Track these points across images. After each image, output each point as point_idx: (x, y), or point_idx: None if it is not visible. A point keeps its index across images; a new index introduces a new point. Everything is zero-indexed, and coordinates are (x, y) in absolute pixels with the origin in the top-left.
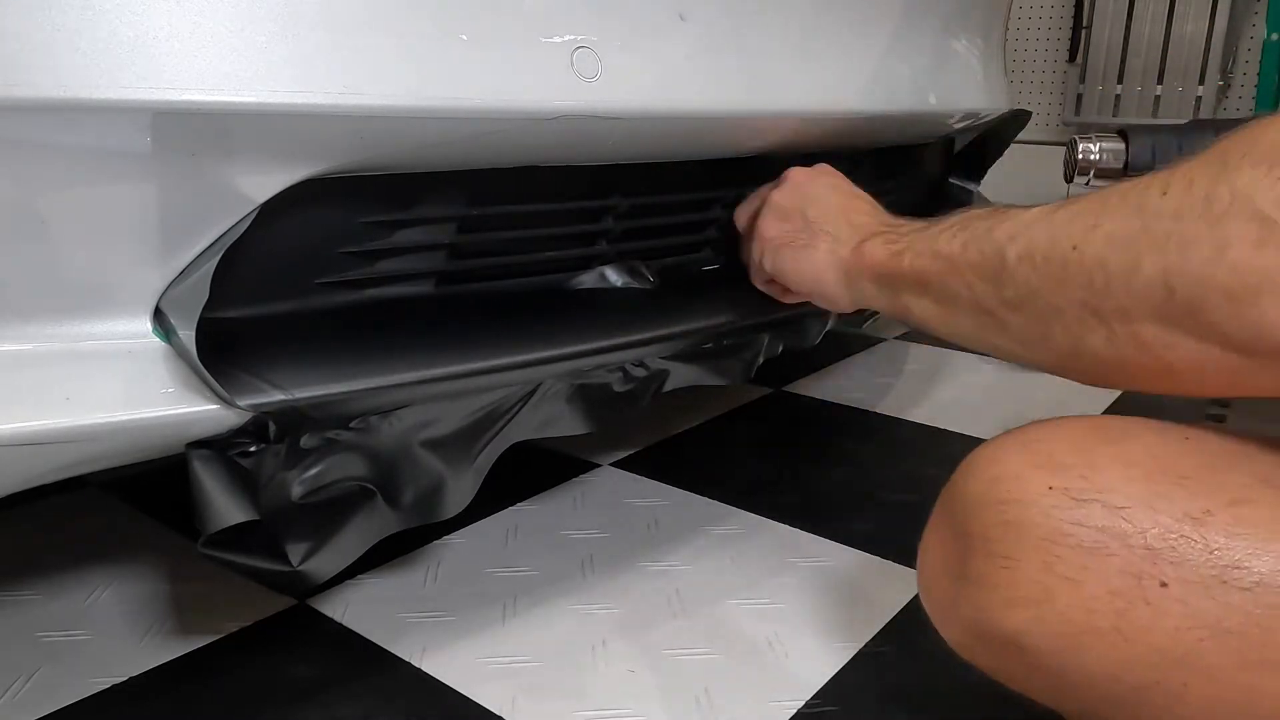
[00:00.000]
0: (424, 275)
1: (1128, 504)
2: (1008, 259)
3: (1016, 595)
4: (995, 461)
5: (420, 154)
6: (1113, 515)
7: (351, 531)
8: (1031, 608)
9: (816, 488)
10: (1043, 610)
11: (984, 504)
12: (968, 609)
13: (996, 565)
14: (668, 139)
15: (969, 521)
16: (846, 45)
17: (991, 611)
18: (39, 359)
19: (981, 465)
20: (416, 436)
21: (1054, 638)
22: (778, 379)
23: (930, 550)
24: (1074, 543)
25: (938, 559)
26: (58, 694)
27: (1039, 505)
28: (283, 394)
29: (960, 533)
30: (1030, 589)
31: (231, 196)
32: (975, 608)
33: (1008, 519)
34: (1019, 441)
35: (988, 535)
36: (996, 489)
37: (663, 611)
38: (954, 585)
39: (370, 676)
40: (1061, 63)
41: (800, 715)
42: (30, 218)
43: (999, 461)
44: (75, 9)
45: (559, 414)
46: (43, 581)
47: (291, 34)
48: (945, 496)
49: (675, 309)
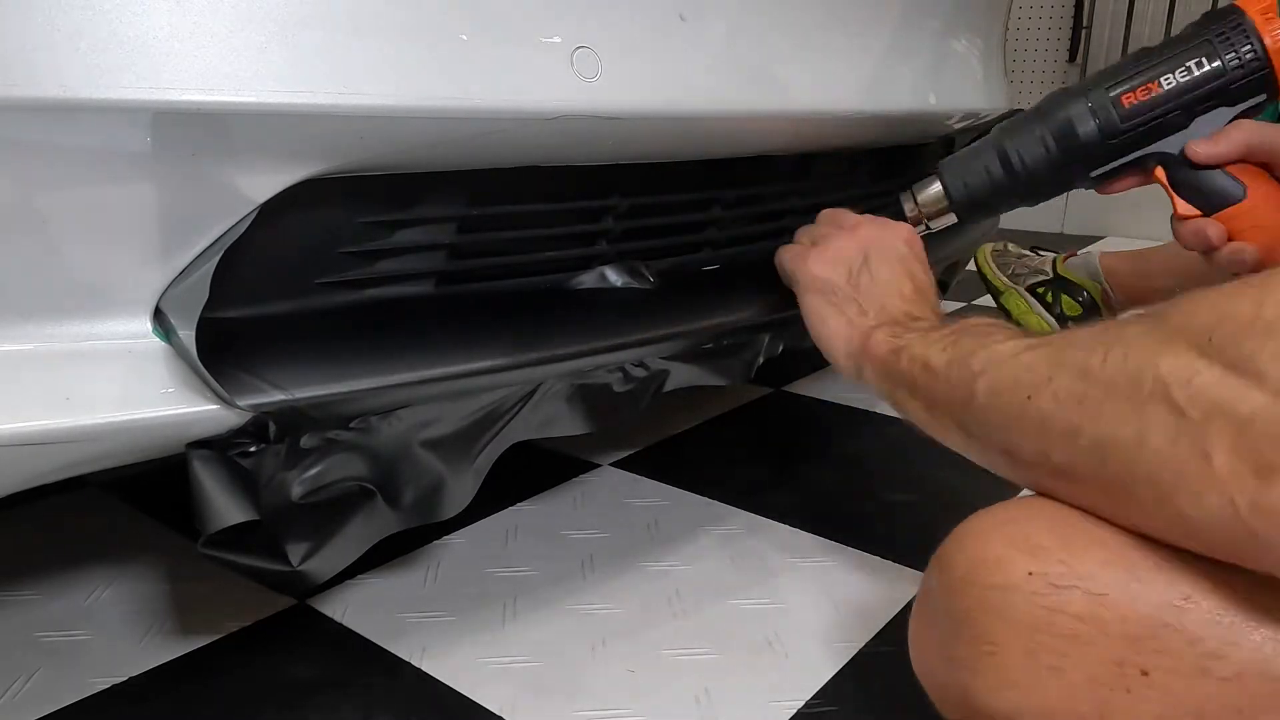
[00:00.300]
0: (424, 275)
1: (1106, 590)
2: (976, 392)
3: (1002, 680)
4: (979, 542)
5: (420, 154)
6: (1092, 602)
7: (351, 531)
8: (1017, 693)
9: (816, 488)
10: (1029, 697)
11: (968, 586)
12: (956, 690)
13: (981, 650)
14: (668, 139)
15: (953, 603)
16: (846, 45)
17: (979, 695)
18: (39, 359)
19: (964, 546)
20: (416, 436)
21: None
22: (778, 379)
23: (919, 626)
24: (1056, 630)
25: (926, 637)
26: (58, 694)
27: (1020, 591)
28: (283, 394)
29: (946, 614)
30: (1015, 674)
31: (231, 196)
32: (963, 689)
33: (990, 605)
34: (1000, 521)
35: (971, 620)
36: (979, 572)
37: (663, 611)
38: (942, 665)
39: (370, 676)
40: (1061, 63)
41: (800, 715)
42: (30, 218)
43: (982, 542)
44: (76, 9)
45: (559, 414)
46: (43, 581)
47: (291, 34)
48: (931, 573)
49: (675, 309)
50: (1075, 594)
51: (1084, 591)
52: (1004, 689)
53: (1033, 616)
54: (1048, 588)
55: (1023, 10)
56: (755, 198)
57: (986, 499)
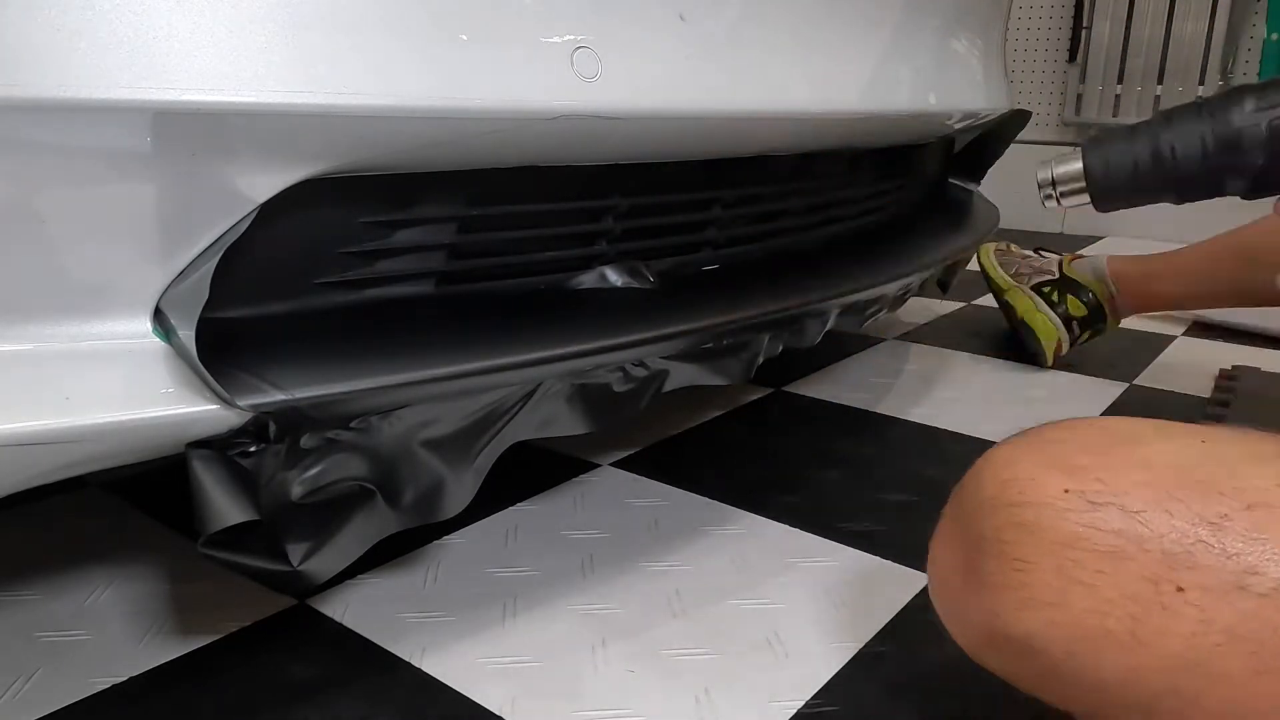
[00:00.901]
0: (424, 275)
1: (1144, 508)
2: None
3: (1030, 598)
4: (1009, 463)
5: (420, 154)
6: (1129, 519)
7: (351, 531)
8: (1045, 611)
9: (816, 488)
10: (1057, 614)
11: (997, 506)
12: (979, 612)
13: (1010, 568)
14: (668, 139)
15: (982, 524)
16: (846, 45)
17: (1004, 614)
18: (39, 359)
19: (995, 467)
20: (416, 436)
21: (1068, 641)
22: (778, 379)
23: (941, 552)
24: (1089, 546)
25: (948, 561)
26: (58, 694)
27: (1054, 508)
28: (283, 394)
29: (973, 535)
30: (1044, 592)
31: (231, 196)
32: (987, 611)
33: (1022, 521)
34: (1033, 443)
35: (1001, 538)
36: (1010, 491)
37: (663, 611)
38: (965, 588)
39: (370, 676)
40: (1061, 63)
41: (800, 715)
42: (30, 217)
43: (1013, 463)
44: (75, 9)
45: (559, 414)
46: (43, 581)
47: (291, 34)
48: (956, 498)
49: (675, 309)
50: (1112, 510)
51: (1121, 509)
52: (1032, 607)
53: (1067, 532)
54: (1084, 504)
55: (1023, 10)
56: (755, 198)
57: None
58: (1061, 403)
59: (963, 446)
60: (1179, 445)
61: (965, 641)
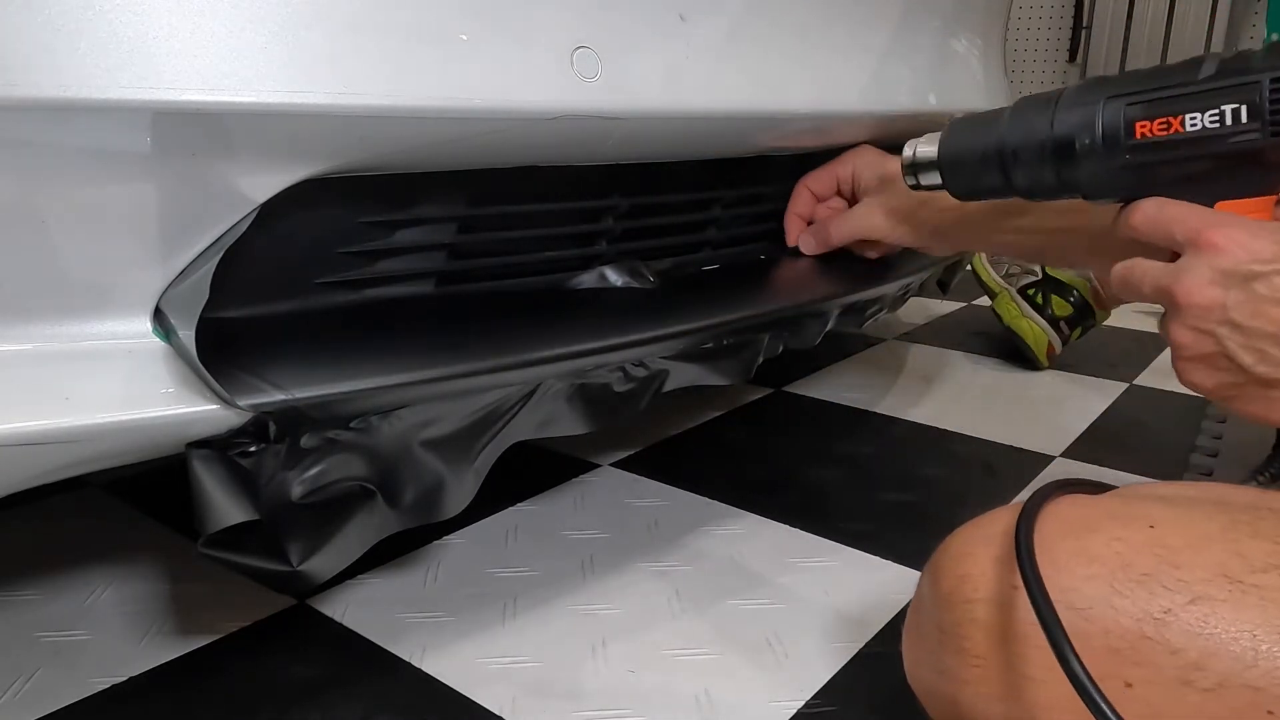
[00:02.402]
0: (424, 275)
1: (1089, 605)
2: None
3: (986, 693)
4: (964, 557)
5: (420, 154)
6: (1075, 616)
7: (351, 531)
8: (1002, 704)
9: (816, 488)
10: (1014, 708)
11: (953, 602)
12: (945, 699)
13: (967, 662)
14: (668, 139)
15: (941, 616)
16: (846, 45)
17: (965, 705)
18: (39, 359)
19: (952, 560)
20: (416, 436)
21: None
22: (778, 379)
23: (911, 637)
24: (1039, 643)
25: (917, 648)
26: (58, 694)
27: (1003, 605)
28: (283, 394)
29: (934, 626)
30: (999, 687)
31: (231, 196)
32: (952, 700)
33: (975, 618)
34: (984, 535)
35: (958, 633)
36: (964, 587)
37: (663, 611)
38: (934, 677)
39: (370, 676)
40: (1061, 63)
41: (800, 715)
42: (30, 218)
43: (968, 557)
44: (75, 9)
45: (559, 414)
46: (43, 581)
47: (291, 34)
48: (921, 586)
49: (675, 309)
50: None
51: (1067, 605)
52: (990, 700)
53: (1016, 630)
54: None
55: (1023, 10)
56: (755, 198)
57: (984, 499)
58: (1061, 403)
59: (963, 446)
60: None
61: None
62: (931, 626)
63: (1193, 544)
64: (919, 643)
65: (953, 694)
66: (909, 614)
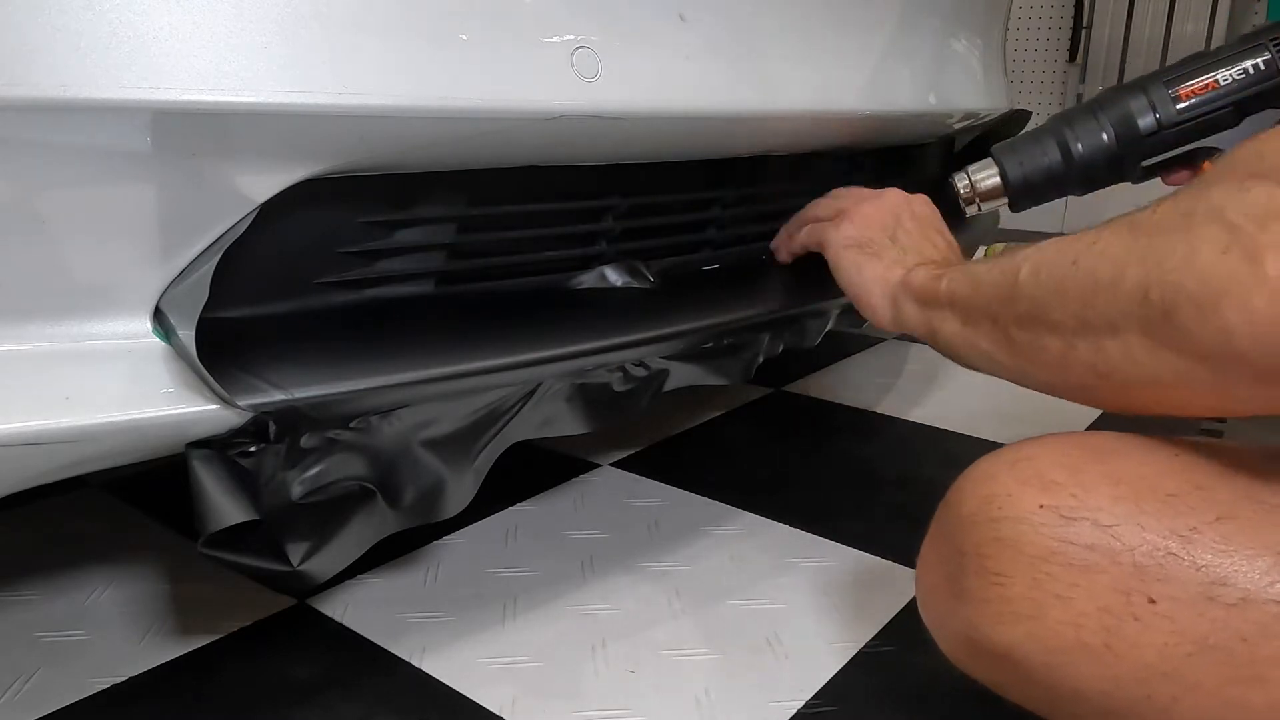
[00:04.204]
0: (424, 275)
1: (1116, 522)
2: (1020, 276)
3: (1008, 611)
4: (987, 480)
5: (420, 154)
6: (1102, 533)
7: (351, 531)
8: (1023, 624)
9: (816, 488)
10: (1034, 626)
11: (976, 522)
12: (962, 624)
13: (989, 582)
14: (668, 139)
15: (962, 539)
16: (846, 45)
17: (984, 627)
18: (39, 359)
19: (974, 483)
20: (416, 436)
21: (1045, 653)
22: (778, 379)
23: (926, 565)
24: (1064, 560)
25: (934, 574)
26: (58, 694)
27: (1030, 523)
28: (283, 394)
29: (955, 549)
30: (1021, 605)
31: (231, 196)
32: (969, 623)
33: (1000, 536)
34: (1009, 460)
35: (980, 552)
36: (989, 507)
37: (663, 611)
38: (949, 600)
39: (370, 676)
40: (1061, 63)
41: (800, 715)
42: (30, 217)
43: (992, 479)
44: (76, 9)
45: (559, 414)
46: (43, 581)
47: (291, 34)
48: (940, 513)
49: (675, 309)
50: (1085, 525)
51: (1093, 523)
52: (1010, 620)
53: (1042, 547)
54: (1058, 519)
55: (1023, 10)
56: (755, 198)
57: None
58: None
59: (963, 446)
60: (1151, 460)
61: (950, 651)
62: (951, 551)
63: (1218, 470)
64: (936, 571)
65: (970, 617)
66: (924, 545)
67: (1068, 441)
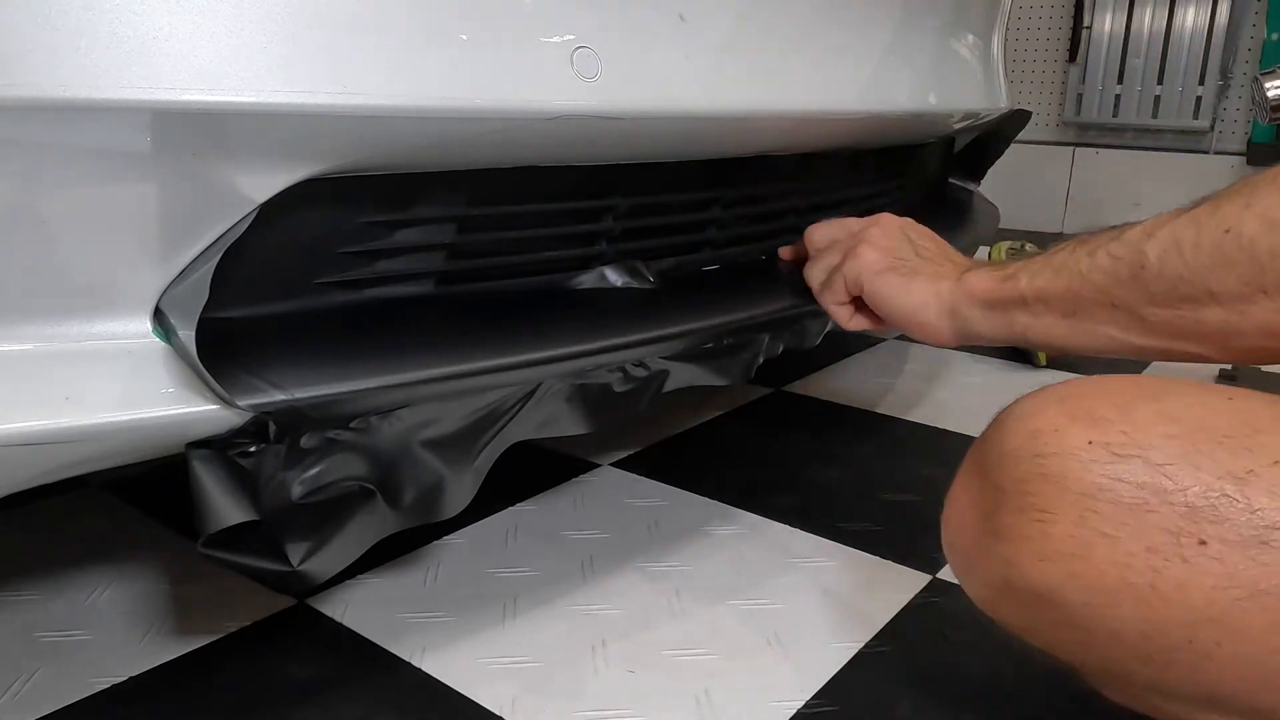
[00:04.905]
0: (424, 275)
1: (1169, 461)
2: (1149, 257)
3: (1050, 549)
4: (1034, 414)
5: (420, 154)
6: (1154, 472)
7: (351, 531)
8: (1065, 563)
9: (816, 488)
10: (1077, 565)
11: (1020, 457)
12: (996, 563)
13: (1030, 518)
14: (668, 139)
15: (1003, 474)
16: (846, 45)
17: (1022, 566)
18: (39, 359)
19: (1020, 418)
20: (416, 436)
21: (1087, 593)
22: (778, 379)
23: (958, 503)
24: (1113, 498)
25: (966, 512)
26: (58, 694)
27: (1079, 459)
28: (283, 394)
29: (993, 485)
30: (1065, 543)
31: (231, 196)
32: (1005, 562)
33: (1045, 472)
34: (1059, 396)
35: (1023, 489)
36: (1034, 442)
37: (663, 611)
38: (983, 538)
39: (370, 676)
40: (1061, 63)
41: (800, 715)
42: (30, 217)
43: (1038, 414)
44: (76, 9)
45: (559, 414)
46: (43, 581)
47: (291, 34)
48: (977, 450)
49: (675, 309)
50: (1136, 463)
51: (1145, 461)
52: (1053, 559)
53: (1090, 484)
54: (1109, 456)
55: (1023, 10)
56: (755, 198)
57: None
58: None
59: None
60: (1205, 401)
61: (980, 594)
62: (988, 487)
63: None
64: (969, 508)
65: (1007, 556)
66: (955, 484)
67: (1119, 381)
